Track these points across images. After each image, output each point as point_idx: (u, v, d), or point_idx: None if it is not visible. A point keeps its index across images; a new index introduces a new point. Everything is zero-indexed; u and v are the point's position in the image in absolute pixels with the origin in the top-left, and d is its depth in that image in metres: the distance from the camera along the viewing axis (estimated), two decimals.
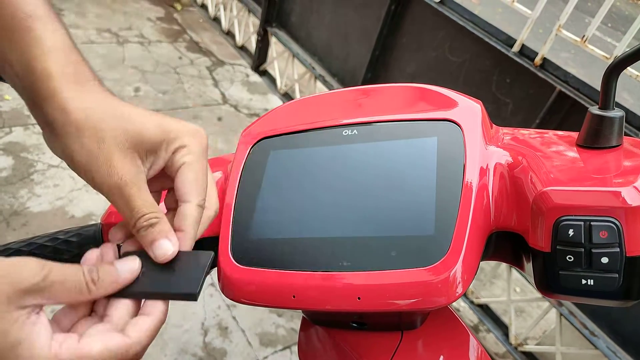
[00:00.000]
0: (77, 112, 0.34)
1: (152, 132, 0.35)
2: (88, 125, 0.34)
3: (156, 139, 0.36)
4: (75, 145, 0.34)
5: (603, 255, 0.33)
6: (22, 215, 1.82)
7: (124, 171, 0.34)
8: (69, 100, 0.34)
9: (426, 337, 0.49)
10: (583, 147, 0.41)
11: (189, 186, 0.37)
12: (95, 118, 0.34)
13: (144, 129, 0.35)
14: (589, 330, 1.42)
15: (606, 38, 5.81)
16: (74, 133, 0.34)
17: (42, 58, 0.34)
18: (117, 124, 0.34)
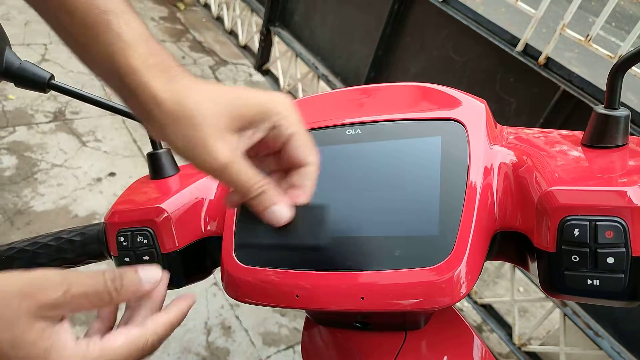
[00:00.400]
0: (169, 103, 0.35)
1: (247, 112, 0.37)
2: (182, 114, 0.35)
3: (251, 117, 0.37)
4: (174, 135, 0.35)
5: (609, 255, 0.33)
6: (25, 214, 1.82)
7: (223, 155, 0.36)
8: (159, 92, 0.35)
9: (430, 337, 0.49)
10: (588, 146, 0.41)
11: (304, 151, 0.39)
12: (188, 106, 0.35)
13: (238, 109, 0.36)
14: (593, 331, 1.41)
15: (610, 37, 5.79)
16: (171, 124, 0.35)
17: (125, 53, 0.34)
18: (209, 107, 0.35)
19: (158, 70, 0.35)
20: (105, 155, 2.18)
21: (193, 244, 0.50)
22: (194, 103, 0.35)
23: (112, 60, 0.35)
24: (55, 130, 2.23)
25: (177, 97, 0.35)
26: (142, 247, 0.48)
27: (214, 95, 0.36)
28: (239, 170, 0.37)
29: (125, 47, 0.35)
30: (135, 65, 0.34)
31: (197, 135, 0.35)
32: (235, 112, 0.37)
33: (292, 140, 0.39)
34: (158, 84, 0.35)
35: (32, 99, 2.35)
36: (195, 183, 0.52)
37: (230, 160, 0.36)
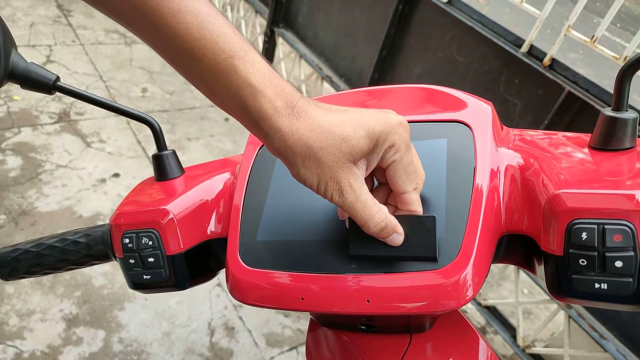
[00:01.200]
0: (296, 146, 0.37)
1: (362, 143, 0.38)
2: (307, 153, 0.37)
3: (367, 148, 0.38)
4: (303, 171, 0.38)
5: (617, 259, 0.33)
6: (30, 215, 1.83)
7: (349, 192, 0.38)
8: (287, 135, 0.37)
9: (435, 340, 0.49)
10: (595, 149, 0.40)
11: (401, 180, 0.40)
12: (311, 145, 0.37)
13: (354, 141, 0.38)
14: (598, 333, 1.40)
15: (615, 38, 5.77)
16: (300, 162, 0.38)
17: (254, 99, 0.37)
18: (330, 144, 0.37)
19: (284, 113, 0.37)
20: (109, 156, 2.19)
21: (198, 246, 0.50)
22: (315, 142, 0.37)
23: (244, 106, 0.37)
24: (59, 131, 2.24)
25: (301, 138, 0.37)
26: (147, 248, 0.48)
27: (334, 131, 0.38)
28: (363, 206, 0.38)
29: (255, 92, 0.37)
30: (266, 110, 0.37)
31: (323, 172, 0.38)
32: (355, 145, 0.38)
33: (391, 168, 0.39)
34: (285, 127, 0.37)
35: (37, 100, 2.36)
36: (200, 185, 0.52)
37: (355, 197, 0.38)
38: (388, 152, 0.39)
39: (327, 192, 0.38)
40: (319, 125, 0.38)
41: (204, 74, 0.37)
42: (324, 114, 0.38)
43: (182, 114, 2.58)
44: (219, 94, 0.38)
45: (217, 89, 0.37)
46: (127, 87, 2.66)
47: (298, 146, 0.37)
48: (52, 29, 2.93)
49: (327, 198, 0.39)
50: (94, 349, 1.51)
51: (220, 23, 0.37)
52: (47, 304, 1.59)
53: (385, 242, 0.40)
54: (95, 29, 3.06)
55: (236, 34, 0.38)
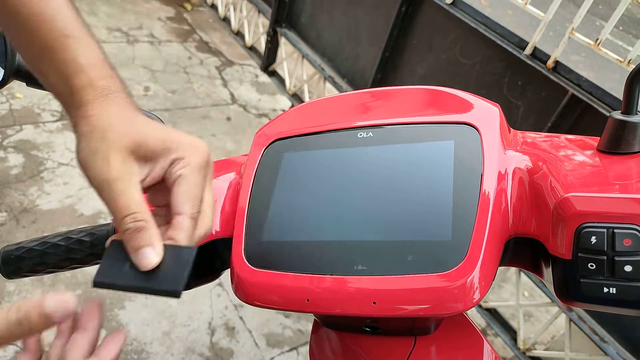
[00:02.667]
0: (92, 117, 0.37)
1: (153, 141, 0.38)
2: (97, 127, 0.37)
3: (156, 148, 0.37)
4: (83, 144, 0.37)
5: (626, 264, 0.32)
6: (31, 212, 1.83)
7: (117, 168, 0.36)
8: (91, 109, 0.37)
9: (440, 342, 0.49)
10: (604, 152, 0.40)
11: (182, 198, 0.37)
12: (105, 122, 0.37)
13: (147, 137, 0.37)
14: (599, 336, 1.40)
15: (617, 41, 5.76)
16: (86, 134, 0.37)
17: (77, 75, 0.38)
18: (123, 128, 0.37)
19: (100, 93, 0.38)
20: None
21: (203, 246, 0.49)
22: (111, 121, 0.37)
23: (66, 81, 0.38)
24: (61, 129, 2.24)
25: (101, 114, 0.37)
26: None
27: (134, 122, 0.38)
28: (123, 190, 0.35)
29: (80, 70, 0.38)
30: (84, 87, 0.38)
31: (101, 147, 0.36)
32: (146, 140, 0.38)
33: (177, 183, 0.38)
34: (95, 103, 0.38)
35: (39, 97, 2.36)
36: None
37: (121, 177, 0.36)
38: (177, 164, 0.38)
39: (95, 165, 0.36)
40: (125, 113, 0.38)
41: (34, 47, 0.38)
42: (136, 111, 0.39)
43: (184, 113, 2.57)
44: (45, 70, 0.39)
45: (45, 64, 0.39)
46: (129, 85, 2.65)
47: (91, 120, 0.37)
48: None
49: (91, 172, 0.36)
50: None
51: (61, 4, 0.39)
52: None
53: (137, 271, 0.35)
54: (98, 27, 3.06)
55: (79, 21, 0.40)
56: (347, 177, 0.45)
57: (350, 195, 0.44)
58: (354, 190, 0.44)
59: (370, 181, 0.44)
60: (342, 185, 0.45)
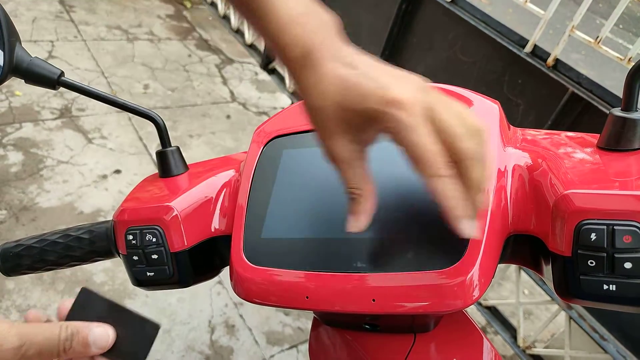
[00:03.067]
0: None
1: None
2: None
3: (355, 120, 0.37)
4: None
5: (626, 261, 0.32)
6: (31, 210, 1.82)
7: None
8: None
9: (439, 340, 0.48)
10: (604, 149, 0.40)
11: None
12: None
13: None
14: (599, 334, 1.40)
15: (617, 39, 5.75)
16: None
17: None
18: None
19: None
20: (111, 152, 2.19)
21: (202, 243, 0.50)
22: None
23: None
24: (61, 127, 2.24)
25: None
26: (151, 245, 0.48)
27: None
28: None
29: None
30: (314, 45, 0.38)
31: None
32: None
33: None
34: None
35: (39, 95, 2.36)
36: (204, 182, 0.51)
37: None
38: (381, 133, 0.36)
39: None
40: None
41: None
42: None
43: (183, 111, 2.57)
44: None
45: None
46: (129, 83, 2.65)
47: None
48: (54, 24, 2.92)
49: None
50: None
51: None
52: (47, 299, 1.59)
53: None
54: (98, 25, 3.06)
55: None
56: None
57: None
58: None
59: None
60: (341, 182, 0.45)
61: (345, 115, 0.35)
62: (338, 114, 0.36)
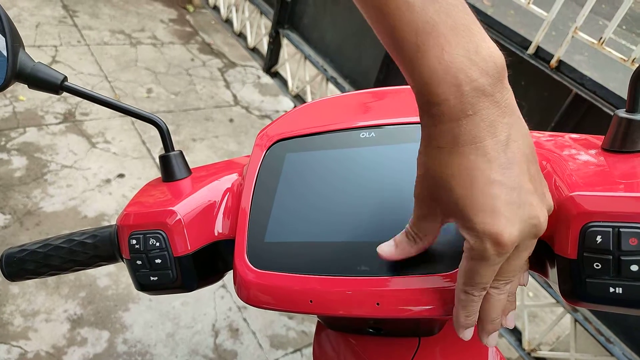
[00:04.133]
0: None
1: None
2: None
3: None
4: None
5: (633, 263, 0.32)
6: (35, 215, 1.83)
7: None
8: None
9: (444, 343, 0.48)
10: (609, 151, 0.40)
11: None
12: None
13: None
14: (605, 337, 1.39)
15: (620, 40, 5.74)
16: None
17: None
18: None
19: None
20: (114, 156, 2.19)
21: (205, 247, 0.49)
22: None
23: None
24: (65, 132, 2.24)
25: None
26: (155, 250, 0.48)
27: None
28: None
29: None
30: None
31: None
32: None
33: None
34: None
35: (42, 100, 2.37)
36: (207, 186, 0.51)
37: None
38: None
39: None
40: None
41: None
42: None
43: (186, 115, 2.58)
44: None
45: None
46: (132, 87, 2.66)
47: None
48: (58, 29, 2.94)
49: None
50: (98, 350, 1.51)
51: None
52: (51, 304, 1.59)
53: None
54: (101, 30, 3.07)
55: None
56: (349, 178, 0.45)
57: (353, 196, 0.44)
58: (356, 191, 0.44)
59: (373, 181, 0.44)
60: (345, 185, 0.44)
61: (441, 206, 0.34)
62: (435, 199, 0.34)
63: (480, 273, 0.33)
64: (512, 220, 0.31)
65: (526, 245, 0.33)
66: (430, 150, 0.32)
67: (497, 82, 0.31)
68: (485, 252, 0.31)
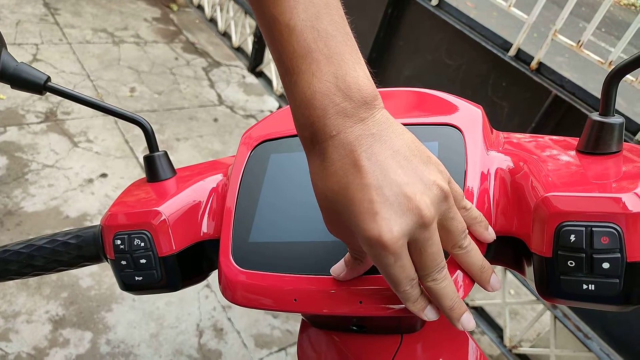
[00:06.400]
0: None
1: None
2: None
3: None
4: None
5: (604, 261, 0.33)
6: (16, 215, 1.80)
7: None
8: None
9: (426, 340, 0.49)
10: (583, 152, 0.41)
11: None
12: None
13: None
14: (583, 333, 1.42)
15: (600, 43, 5.85)
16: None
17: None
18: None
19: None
20: (96, 156, 2.17)
21: (190, 247, 0.50)
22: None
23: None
24: (46, 131, 2.21)
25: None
26: (139, 250, 0.48)
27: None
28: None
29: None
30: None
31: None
32: None
33: None
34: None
35: (23, 99, 2.33)
36: (192, 186, 0.52)
37: None
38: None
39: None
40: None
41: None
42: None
43: (170, 114, 2.56)
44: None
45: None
46: (115, 86, 2.63)
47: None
48: (39, 27, 2.89)
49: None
50: (81, 351, 1.50)
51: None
52: (33, 305, 1.57)
53: None
54: (83, 28, 3.03)
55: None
56: None
57: None
58: None
59: None
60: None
61: (340, 221, 0.35)
62: (331, 214, 0.35)
63: (391, 273, 0.34)
64: (390, 218, 0.31)
65: (422, 235, 0.33)
66: (315, 174, 0.34)
67: (362, 105, 0.33)
68: (378, 256, 0.33)
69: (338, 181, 0.33)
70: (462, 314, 0.37)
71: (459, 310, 0.37)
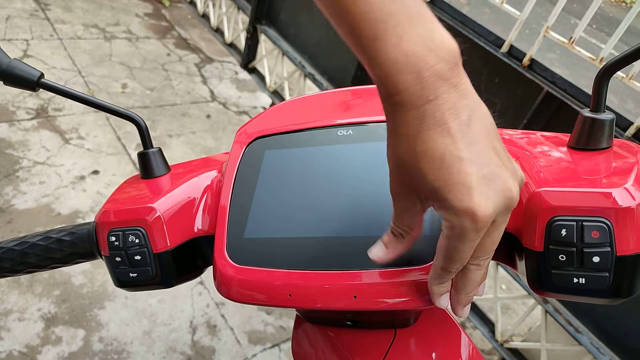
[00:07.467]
0: None
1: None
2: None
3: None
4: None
5: (594, 255, 0.34)
6: (7, 212, 1.79)
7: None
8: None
9: (419, 334, 0.50)
10: (574, 148, 0.42)
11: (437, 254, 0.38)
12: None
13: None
14: (574, 327, 1.44)
15: (591, 39, 5.89)
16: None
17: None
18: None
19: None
20: (88, 152, 2.16)
21: (185, 244, 0.50)
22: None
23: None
24: (37, 127, 2.20)
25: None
26: (134, 246, 0.48)
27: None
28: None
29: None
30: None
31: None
32: None
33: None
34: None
35: (14, 95, 2.31)
36: (187, 182, 0.52)
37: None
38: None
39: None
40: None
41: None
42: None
43: (162, 111, 2.55)
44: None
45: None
46: (107, 82, 2.62)
47: None
48: (29, 22, 2.87)
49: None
50: (74, 349, 1.49)
51: None
52: (24, 303, 1.56)
53: None
54: (74, 24, 3.01)
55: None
56: (327, 174, 0.46)
57: (331, 192, 0.45)
58: (334, 187, 0.45)
59: (350, 178, 0.45)
60: (323, 182, 0.46)
61: (418, 194, 0.34)
62: (411, 189, 0.34)
63: (459, 250, 0.33)
64: (486, 194, 0.31)
65: (502, 219, 0.33)
66: (397, 140, 0.33)
67: (454, 66, 0.32)
68: (464, 228, 0.32)
69: (429, 148, 0.31)
70: (469, 302, 0.38)
71: (470, 298, 0.38)
